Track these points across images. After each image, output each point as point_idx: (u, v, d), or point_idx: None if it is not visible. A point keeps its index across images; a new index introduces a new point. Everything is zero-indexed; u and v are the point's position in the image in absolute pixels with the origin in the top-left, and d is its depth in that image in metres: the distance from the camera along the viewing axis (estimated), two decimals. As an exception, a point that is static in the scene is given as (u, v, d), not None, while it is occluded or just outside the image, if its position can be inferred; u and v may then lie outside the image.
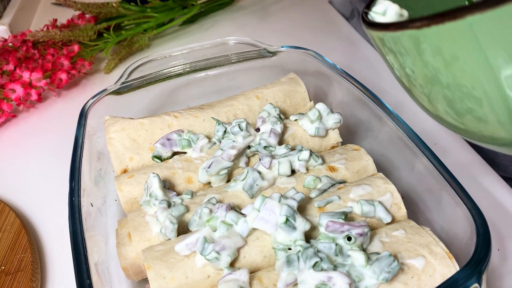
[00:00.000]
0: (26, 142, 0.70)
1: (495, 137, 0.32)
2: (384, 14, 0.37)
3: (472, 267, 0.33)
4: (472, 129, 0.33)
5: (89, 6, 0.85)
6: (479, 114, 0.30)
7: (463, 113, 0.32)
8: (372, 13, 0.37)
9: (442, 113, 0.34)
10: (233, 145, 0.49)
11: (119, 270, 0.44)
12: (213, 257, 0.37)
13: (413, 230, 0.40)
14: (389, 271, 0.35)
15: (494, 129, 0.31)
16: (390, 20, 0.37)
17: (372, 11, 0.37)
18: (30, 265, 0.48)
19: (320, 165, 0.48)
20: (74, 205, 0.42)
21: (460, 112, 0.32)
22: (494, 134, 0.32)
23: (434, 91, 0.32)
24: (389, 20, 0.37)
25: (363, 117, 0.56)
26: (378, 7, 0.37)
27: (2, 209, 0.55)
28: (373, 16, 0.37)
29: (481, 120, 0.31)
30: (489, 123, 0.31)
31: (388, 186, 0.44)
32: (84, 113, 0.54)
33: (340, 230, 0.37)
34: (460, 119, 0.32)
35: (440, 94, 0.32)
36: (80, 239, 0.39)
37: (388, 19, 0.37)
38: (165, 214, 0.43)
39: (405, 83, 0.36)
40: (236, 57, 0.63)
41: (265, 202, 0.39)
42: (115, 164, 0.52)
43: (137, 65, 0.61)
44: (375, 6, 0.37)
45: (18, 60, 0.75)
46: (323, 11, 1.02)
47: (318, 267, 0.35)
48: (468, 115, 0.31)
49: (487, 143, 0.34)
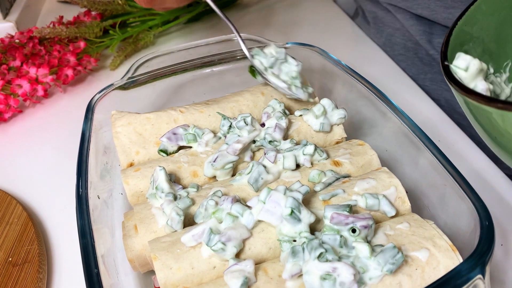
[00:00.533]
0: (32, 137, 0.70)
1: None
2: (466, 70, 0.38)
3: (476, 258, 0.34)
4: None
5: (95, 3, 0.86)
6: None
7: None
8: (453, 67, 0.38)
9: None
10: (238, 140, 0.49)
11: (125, 262, 0.45)
12: (219, 248, 0.38)
13: (417, 223, 0.41)
14: (394, 263, 0.35)
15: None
16: (472, 75, 0.38)
17: (454, 65, 0.38)
18: (37, 257, 0.49)
19: (324, 159, 0.48)
20: (81, 198, 0.43)
21: None
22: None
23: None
24: (471, 76, 0.38)
25: (367, 113, 0.56)
26: (460, 62, 0.38)
27: (10, 202, 0.55)
28: (454, 69, 0.38)
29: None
30: None
31: (393, 180, 0.45)
32: (91, 107, 0.54)
33: (345, 222, 0.37)
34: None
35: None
36: (87, 231, 0.40)
37: (470, 74, 0.38)
38: (171, 206, 0.43)
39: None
40: (241, 54, 0.63)
41: (270, 194, 0.40)
42: (122, 158, 0.52)
43: (143, 60, 0.61)
44: (456, 60, 0.38)
45: (24, 56, 0.75)
46: (327, 9, 1.02)
47: (323, 258, 0.35)
48: None
49: None
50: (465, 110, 0.37)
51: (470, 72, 0.38)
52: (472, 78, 0.38)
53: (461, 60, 0.38)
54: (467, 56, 0.38)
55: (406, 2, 0.76)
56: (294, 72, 0.58)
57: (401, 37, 0.81)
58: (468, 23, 0.41)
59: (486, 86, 0.39)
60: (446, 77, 0.36)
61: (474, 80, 0.38)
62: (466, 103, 0.35)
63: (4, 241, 0.51)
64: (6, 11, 0.94)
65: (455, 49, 0.39)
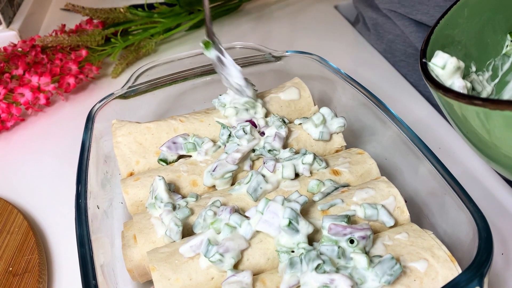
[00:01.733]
0: (34, 145, 0.71)
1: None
2: (443, 68, 0.39)
3: (474, 270, 0.33)
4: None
5: (97, 11, 0.86)
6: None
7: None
8: (431, 65, 0.38)
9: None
10: (238, 149, 0.49)
11: (125, 271, 0.45)
12: (217, 259, 0.38)
13: (416, 233, 0.40)
14: (391, 274, 0.35)
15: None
16: (449, 73, 0.39)
17: (431, 63, 0.38)
18: (37, 266, 0.49)
19: (324, 168, 0.48)
20: (80, 207, 0.43)
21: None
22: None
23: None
24: (448, 73, 0.39)
25: (367, 121, 0.56)
26: (437, 60, 0.39)
27: (10, 211, 0.56)
28: (432, 67, 0.38)
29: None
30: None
31: (391, 190, 0.44)
32: (91, 117, 0.54)
33: (343, 233, 0.37)
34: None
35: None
36: (86, 241, 0.40)
37: (447, 72, 0.39)
38: (170, 216, 0.43)
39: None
40: (241, 62, 0.64)
41: (268, 205, 0.40)
42: (122, 167, 0.53)
43: (143, 69, 0.62)
44: (435, 58, 0.39)
45: (27, 65, 0.76)
46: (328, 16, 1.03)
47: (321, 270, 0.35)
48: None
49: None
50: (441, 107, 0.38)
51: (447, 70, 0.39)
52: (449, 75, 0.39)
53: (438, 58, 0.39)
54: (445, 55, 0.39)
55: (405, 8, 0.76)
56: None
57: (402, 43, 0.81)
58: (450, 22, 0.42)
59: (463, 84, 0.39)
60: (423, 74, 0.37)
61: (451, 78, 0.39)
62: (439, 99, 0.36)
63: (5, 250, 0.51)
64: (9, 20, 0.95)
65: (435, 48, 0.40)
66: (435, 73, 0.39)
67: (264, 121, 0.55)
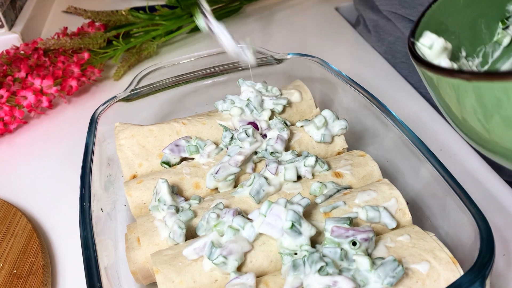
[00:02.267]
0: (37, 148, 0.71)
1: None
2: (430, 48, 0.39)
3: (476, 271, 0.34)
4: (497, 138, 0.34)
5: (98, 14, 0.87)
6: (508, 114, 0.32)
7: (492, 111, 0.33)
8: (419, 44, 0.39)
9: (468, 113, 0.35)
10: (240, 151, 0.50)
11: (129, 274, 0.45)
12: (220, 261, 0.38)
13: (418, 235, 0.41)
14: (394, 276, 0.36)
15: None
16: (436, 53, 0.39)
17: (419, 42, 0.39)
18: (41, 269, 0.49)
19: (326, 171, 0.49)
20: (84, 210, 0.43)
21: (488, 110, 0.33)
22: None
23: (463, 92, 0.34)
24: (435, 53, 0.39)
25: (368, 123, 0.56)
26: (425, 40, 0.39)
27: (14, 214, 0.56)
28: (419, 46, 0.39)
29: (508, 124, 0.32)
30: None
31: (393, 192, 0.45)
32: (94, 120, 0.55)
33: (345, 235, 0.38)
34: (488, 123, 0.34)
35: (471, 96, 0.33)
36: (90, 244, 0.40)
37: (434, 52, 0.39)
38: (173, 219, 0.43)
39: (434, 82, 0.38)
40: (243, 64, 0.64)
41: (271, 207, 0.40)
42: (125, 170, 0.53)
43: (146, 72, 0.62)
44: (422, 38, 0.39)
45: (29, 68, 0.76)
46: (329, 17, 1.03)
47: (324, 272, 0.35)
48: (496, 114, 0.33)
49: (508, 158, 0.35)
50: (427, 87, 0.38)
51: (434, 50, 0.39)
52: (436, 55, 0.40)
53: (426, 38, 0.39)
54: (432, 35, 0.39)
55: (406, 10, 0.77)
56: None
57: (402, 45, 0.81)
58: (442, 7, 0.42)
59: (449, 64, 0.40)
60: (409, 53, 0.37)
61: (437, 58, 0.40)
62: (424, 76, 0.36)
63: (9, 253, 0.51)
64: (12, 23, 0.96)
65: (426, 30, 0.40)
66: (422, 53, 0.39)
67: (266, 123, 0.55)
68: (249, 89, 0.58)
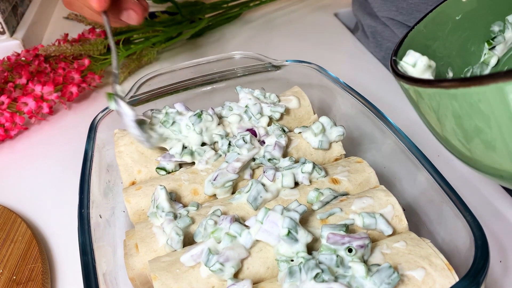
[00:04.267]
0: (37, 154, 0.71)
1: (500, 169, 0.33)
2: (414, 66, 0.39)
3: (470, 278, 0.34)
4: (478, 157, 0.34)
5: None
6: (488, 138, 0.32)
7: (472, 135, 0.33)
8: (402, 63, 0.39)
9: (449, 134, 0.36)
10: (238, 158, 0.50)
11: (127, 280, 0.46)
12: (217, 268, 0.38)
13: (414, 242, 0.41)
14: (389, 283, 0.36)
15: (502, 159, 0.32)
16: (420, 71, 0.39)
17: (403, 61, 0.39)
18: (40, 275, 0.50)
19: (323, 177, 0.49)
20: (83, 216, 0.44)
21: (468, 134, 0.33)
22: (500, 166, 0.33)
23: (443, 108, 0.34)
24: (418, 72, 0.39)
25: (366, 130, 0.57)
26: (408, 58, 0.40)
27: (14, 220, 0.56)
28: (403, 65, 0.39)
29: (489, 147, 0.32)
30: (497, 151, 0.32)
31: (390, 199, 0.45)
32: (94, 127, 0.55)
33: (341, 242, 0.38)
34: (468, 144, 0.34)
35: (449, 110, 0.33)
36: (88, 250, 0.41)
37: (417, 70, 0.40)
38: (171, 225, 0.44)
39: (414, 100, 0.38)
40: (242, 71, 0.64)
41: (268, 214, 0.40)
42: (124, 176, 0.53)
43: (145, 79, 0.63)
44: (406, 57, 0.40)
45: (30, 74, 0.77)
46: (328, 24, 1.04)
47: (319, 278, 0.36)
48: (476, 138, 0.33)
49: (492, 175, 0.35)
50: (411, 103, 0.39)
51: (418, 68, 0.39)
52: (420, 73, 0.40)
53: (410, 57, 0.40)
54: (416, 53, 0.40)
55: (403, 16, 0.77)
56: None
57: (401, 51, 0.82)
58: (427, 28, 0.43)
59: (427, 63, 0.40)
60: (391, 70, 0.38)
61: (421, 76, 0.40)
62: (406, 92, 0.37)
63: (9, 259, 0.51)
64: (13, 29, 0.97)
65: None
66: (405, 71, 0.40)
67: (264, 130, 0.55)
68: (247, 96, 0.59)
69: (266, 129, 0.56)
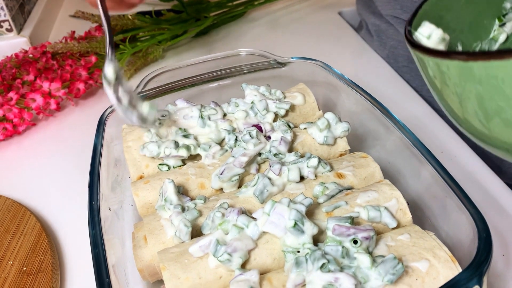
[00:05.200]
0: (45, 149, 0.72)
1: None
2: (428, 38, 0.40)
3: (473, 269, 0.35)
4: (497, 134, 0.35)
5: (106, 18, 0.88)
6: (508, 117, 0.32)
7: (492, 115, 0.33)
8: (417, 34, 0.40)
9: (470, 115, 0.36)
10: (244, 153, 0.51)
11: (135, 271, 0.46)
12: (225, 258, 0.39)
13: (418, 234, 0.42)
14: (394, 273, 0.37)
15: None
16: (434, 44, 0.40)
17: (418, 32, 0.40)
18: (50, 267, 0.50)
19: (328, 172, 0.50)
20: (93, 209, 0.45)
21: (489, 114, 0.34)
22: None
23: (467, 91, 0.34)
24: (433, 44, 0.40)
25: (371, 126, 0.57)
26: (424, 30, 0.40)
27: (24, 214, 0.57)
28: (417, 36, 0.40)
29: (508, 124, 0.33)
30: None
31: (394, 192, 0.46)
32: (103, 121, 0.56)
33: (347, 234, 0.39)
34: (488, 123, 0.34)
35: (472, 93, 0.34)
36: (99, 241, 0.42)
37: (432, 42, 0.40)
38: (179, 218, 0.45)
39: (437, 85, 0.38)
40: (247, 68, 0.65)
41: (274, 206, 0.41)
42: (132, 170, 0.54)
43: (153, 75, 0.64)
44: (421, 28, 0.40)
45: (38, 71, 0.78)
46: (332, 22, 1.04)
47: (325, 269, 0.36)
48: (497, 117, 0.33)
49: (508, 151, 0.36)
50: (424, 78, 0.39)
51: (432, 40, 0.40)
52: (434, 46, 0.40)
53: (425, 28, 0.40)
54: (431, 25, 0.40)
55: (407, 14, 0.78)
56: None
57: (404, 49, 0.82)
58: (441, 2, 0.43)
59: (442, 35, 0.40)
60: (405, 39, 0.38)
61: (436, 48, 0.40)
62: (421, 64, 0.37)
63: (19, 251, 0.52)
64: (20, 27, 0.98)
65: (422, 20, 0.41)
66: (419, 41, 0.40)
67: (270, 125, 0.56)
68: (253, 93, 0.59)
69: (272, 125, 0.56)
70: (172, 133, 0.55)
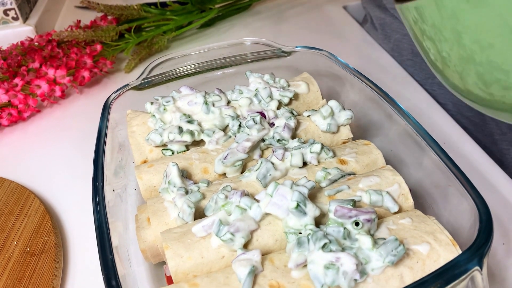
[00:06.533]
0: (50, 135, 0.73)
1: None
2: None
3: (473, 250, 0.35)
4: (497, 98, 0.35)
5: (111, 8, 0.89)
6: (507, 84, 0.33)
7: (491, 83, 0.34)
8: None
9: (471, 86, 0.37)
10: (248, 138, 0.51)
11: (138, 253, 0.47)
12: (227, 238, 0.39)
13: (419, 218, 0.42)
14: (395, 255, 0.37)
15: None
16: None
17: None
18: (53, 247, 0.51)
19: (331, 158, 0.50)
20: (98, 188, 0.45)
21: (488, 83, 0.34)
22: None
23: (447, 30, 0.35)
24: None
25: (374, 115, 0.58)
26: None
27: (28, 196, 0.58)
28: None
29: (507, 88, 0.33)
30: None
31: (396, 178, 0.46)
32: (108, 106, 0.57)
33: (348, 215, 0.39)
34: (488, 89, 0.35)
35: (448, 29, 0.34)
36: (103, 219, 0.42)
37: None
38: (182, 199, 0.45)
39: (438, 61, 0.39)
40: (252, 57, 0.66)
41: (277, 188, 0.41)
42: (136, 155, 0.55)
43: (158, 62, 0.64)
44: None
45: (43, 58, 0.78)
46: (337, 16, 1.04)
47: (327, 249, 0.37)
48: (495, 84, 0.34)
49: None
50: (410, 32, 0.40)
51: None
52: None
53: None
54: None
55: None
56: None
57: (409, 42, 0.83)
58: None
59: None
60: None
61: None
62: (403, 15, 0.38)
63: (23, 232, 0.53)
64: (26, 16, 0.98)
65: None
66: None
67: (274, 113, 0.56)
68: (257, 80, 0.60)
69: (276, 112, 0.57)
70: (176, 118, 0.56)
